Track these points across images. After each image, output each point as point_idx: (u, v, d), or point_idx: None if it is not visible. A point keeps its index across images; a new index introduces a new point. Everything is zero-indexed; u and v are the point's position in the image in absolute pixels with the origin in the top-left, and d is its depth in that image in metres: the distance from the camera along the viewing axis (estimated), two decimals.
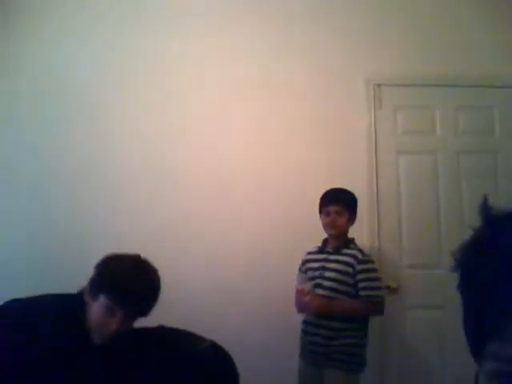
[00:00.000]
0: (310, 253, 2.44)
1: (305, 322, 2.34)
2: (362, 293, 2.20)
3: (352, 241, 2.35)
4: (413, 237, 2.80)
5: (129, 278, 1.39)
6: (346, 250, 2.28)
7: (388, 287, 2.71)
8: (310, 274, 2.32)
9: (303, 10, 2.93)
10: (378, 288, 2.25)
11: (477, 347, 0.57)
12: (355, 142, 2.85)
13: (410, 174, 2.86)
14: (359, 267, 2.21)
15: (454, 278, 0.60)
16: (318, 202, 2.79)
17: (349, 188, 2.79)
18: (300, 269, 2.45)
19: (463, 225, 2.82)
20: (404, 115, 2.90)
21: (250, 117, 2.86)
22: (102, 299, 1.37)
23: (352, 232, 2.75)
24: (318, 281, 2.26)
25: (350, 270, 2.22)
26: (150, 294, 1.42)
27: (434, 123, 2.91)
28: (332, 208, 2.30)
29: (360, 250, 2.29)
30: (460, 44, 2.95)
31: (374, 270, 2.26)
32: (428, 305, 2.75)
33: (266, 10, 2.92)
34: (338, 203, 2.30)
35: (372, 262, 2.31)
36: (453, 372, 2.68)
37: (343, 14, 2.95)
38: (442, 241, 2.81)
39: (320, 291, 2.23)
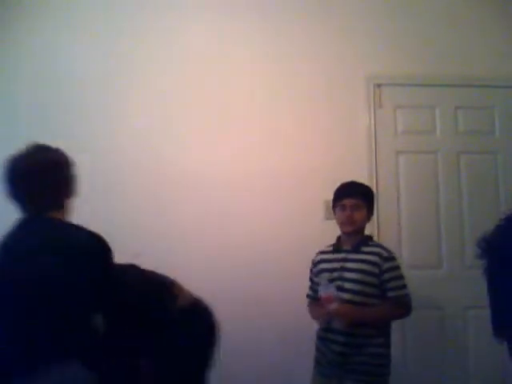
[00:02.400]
0: (322, 252, 2.23)
1: (325, 330, 2.08)
2: (390, 294, 2.01)
3: (370, 238, 2.18)
4: (413, 237, 2.80)
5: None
6: (367, 248, 2.08)
7: None
8: (326, 275, 2.09)
9: (303, 9, 2.93)
10: (406, 287, 2.05)
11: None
12: (355, 141, 2.85)
13: (410, 174, 2.86)
14: (385, 266, 2.01)
15: (455, 278, 0.61)
16: (317, 201, 2.80)
17: None
18: (311, 271, 2.25)
19: (463, 225, 2.82)
20: (404, 115, 2.90)
21: (250, 117, 2.86)
22: None
23: None
24: (337, 283, 2.03)
25: (375, 269, 2.01)
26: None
27: (434, 123, 2.91)
28: (348, 201, 2.09)
29: (383, 247, 2.12)
30: (460, 44, 2.95)
31: (399, 268, 2.06)
32: (428, 305, 2.75)
33: (267, 9, 2.92)
34: (355, 196, 2.10)
35: (396, 258, 2.10)
36: (453, 372, 2.69)
37: (343, 14, 2.95)
38: (441, 241, 2.81)
39: (342, 294, 1.99)
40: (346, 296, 1.98)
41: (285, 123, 2.85)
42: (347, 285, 2.00)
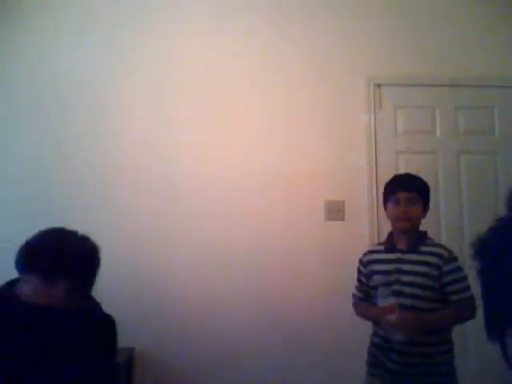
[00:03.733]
0: (373, 252, 2.02)
1: (381, 337, 1.88)
2: (454, 297, 1.81)
3: (426, 235, 1.95)
4: None
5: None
6: (425, 248, 1.88)
7: None
8: (379, 278, 1.89)
9: (303, 9, 2.93)
10: (469, 288, 1.81)
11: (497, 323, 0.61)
12: (355, 141, 2.85)
13: None
14: (447, 268, 1.81)
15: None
16: (318, 202, 2.79)
17: (348, 187, 2.80)
18: (360, 272, 2.02)
19: (463, 225, 2.82)
20: (404, 115, 2.90)
21: (250, 117, 2.86)
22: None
23: (352, 232, 2.76)
24: (395, 287, 1.82)
25: (435, 272, 1.81)
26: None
27: (434, 123, 2.91)
28: (402, 195, 1.88)
29: (443, 247, 1.91)
30: (460, 44, 2.95)
31: (462, 269, 1.85)
32: None
33: (266, 10, 2.92)
34: (410, 190, 1.89)
35: (458, 259, 1.89)
36: None
37: (343, 14, 2.95)
38: (441, 241, 2.80)
39: (401, 300, 1.79)
40: (406, 302, 1.79)
41: (285, 123, 2.85)
42: (406, 289, 1.81)
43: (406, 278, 1.83)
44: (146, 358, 2.64)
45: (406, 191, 1.89)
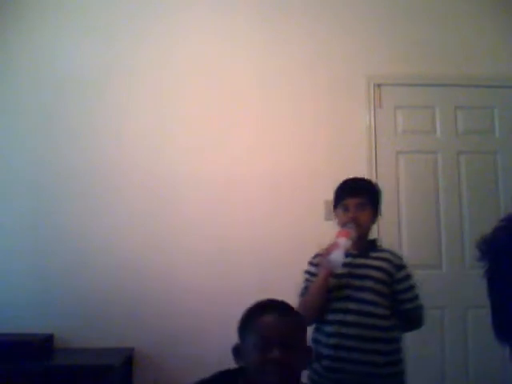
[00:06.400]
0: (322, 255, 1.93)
1: (334, 347, 1.73)
2: (408, 305, 1.78)
3: (376, 241, 1.94)
4: (413, 237, 2.80)
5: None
6: (376, 254, 1.83)
7: None
8: (332, 281, 1.78)
9: (304, 10, 2.93)
10: (419, 297, 1.81)
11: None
12: (355, 141, 2.85)
13: (410, 174, 2.86)
14: (399, 274, 1.79)
15: (455, 278, 0.61)
16: (318, 202, 2.79)
17: None
18: (313, 274, 1.89)
19: (463, 225, 2.82)
20: (404, 115, 2.90)
21: (250, 117, 2.86)
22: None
23: None
24: (346, 292, 1.76)
25: (386, 278, 1.77)
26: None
27: (434, 123, 2.91)
28: (351, 201, 1.82)
29: (393, 253, 1.87)
30: (460, 44, 2.95)
31: (412, 276, 1.82)
32: (428, 305, 2.74)
33: (266, 10, 2.92)
34: (360, 195, 1.83)
35: (407, 266, 1.85)
36: (453, 372, 2.69)
37: (343, 14, 2.95)
38: (441, 241, 2.81)
39: (351, 305, 1.73)
40: (356, 306, 1.73)
41: (285, 123, 2.85)
42: (358, 294, 1.75)
43: (357, 282, 1.77)
44: (146, 358, 2.64)
45: (354, 197, 1.82)
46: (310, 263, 1.96)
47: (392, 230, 2.79)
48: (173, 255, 2.71)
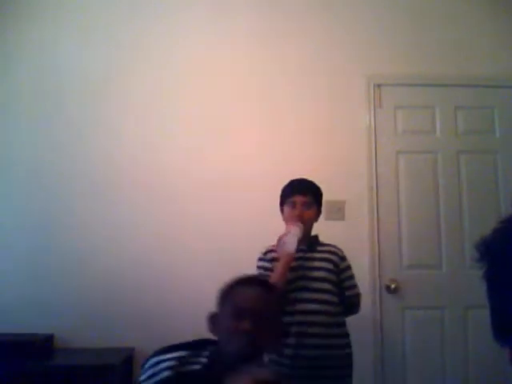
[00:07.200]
0: (274, 251, 2.06)
1: (296, 335, 1.88)
2: (348, 292, 2.00)
3: (318, 237, 2.09)
4: (412, 237, 2.80)
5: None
6: (321, 247, 2.04)
7: (387, 287, 2.71)
8: (288, 275, 1.94)
9: (304, 10, 2.93)
10: (358, 286, 2.05)
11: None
12: (355, 141, 2.85)
13: (410, 174, 2.86)
14: (343, 264, 2.01)
15: (455, 278, 0.61)
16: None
17: (348, 187, 2.80)
18: (267, 268, 2.02)
19: (463, 225, 2.82)
20: (404, 115, 2.90)
21: (250, 117, 2.86)
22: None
23: (352, 232, 2.76)
24: (301, 283, 1.94)
25: (334, 268, 1.98)
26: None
27: (433, 123, 2.91)
28: (299, 199, 2.01)
29: (335, 246, 2.06)
30: (460, 44, 2.95)
31: (351, 266, 2.05)
32: (428, 305, 2.75)
33: (266, 10, 2.92)
34: (307, 194, 2.01)
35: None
36: (453, 372, 2.68)
37: (343, 13, 2.95)
38: (441, 241, 2.81)
39: (307, 295, 1.92)
40: (312, 296, 1.92)
41: (285, 123, 2.85)
42: (314, 284, 1.93)
43: (311, 274, 1.95)
44: (146, 357, 2.63)
45: (302, 195, 2.01)
46: (262, 259, 2.09)
47: (392, 229, 2.79)
48: (173, 255, 2.71)
